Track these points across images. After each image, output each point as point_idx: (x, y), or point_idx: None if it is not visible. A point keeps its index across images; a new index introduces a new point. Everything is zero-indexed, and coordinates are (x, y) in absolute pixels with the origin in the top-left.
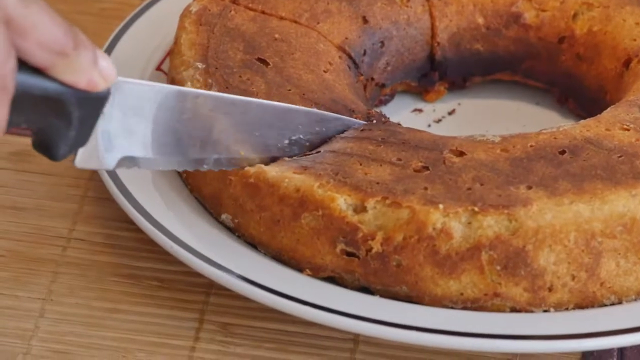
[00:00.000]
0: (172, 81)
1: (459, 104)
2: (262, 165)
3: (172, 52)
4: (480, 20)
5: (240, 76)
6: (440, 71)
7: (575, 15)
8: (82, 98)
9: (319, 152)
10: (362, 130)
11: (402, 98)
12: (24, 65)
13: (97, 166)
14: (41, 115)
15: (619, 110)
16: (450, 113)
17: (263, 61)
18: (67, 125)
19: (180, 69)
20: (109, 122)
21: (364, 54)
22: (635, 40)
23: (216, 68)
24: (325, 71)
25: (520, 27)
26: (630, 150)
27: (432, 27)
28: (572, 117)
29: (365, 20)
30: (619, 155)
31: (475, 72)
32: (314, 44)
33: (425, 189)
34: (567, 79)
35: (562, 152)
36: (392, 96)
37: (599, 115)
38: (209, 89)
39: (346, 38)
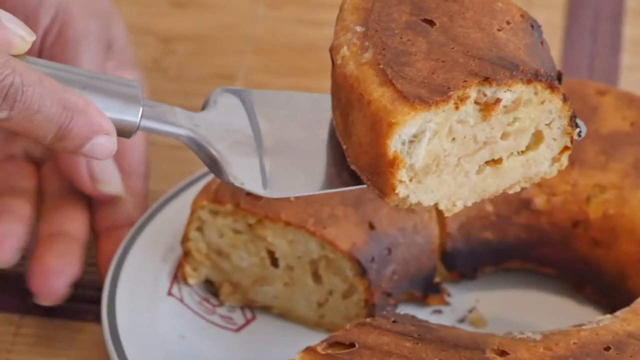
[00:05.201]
0: (331, 48)
1: (477, 300)
2: None
3: (336, 19)
4: (490, 208)
5: (401, 37)
6: (450, 262)
7: (588, 199)
8: None
9: (354, 345)
10: (393, 321)
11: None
12: None
13: None
14: None
15: None
16: (470, 311)
17: (429, 22)
18: None
19: (340, 34)
20: None
21: (372, 260)
22: None
23: (376, 30)
24: (499, 30)
25: (531, 213)
26: None
27: (441, 220)
28: (589, 304)
29: (371, 226)
30: None
31: (485, 262)
32: (491, 3)
33: None
34: (583, 265)
35: (607, 349)
36: (395, 306)
37: (634, 306)
38: (364, 52)
39: (354, 244)
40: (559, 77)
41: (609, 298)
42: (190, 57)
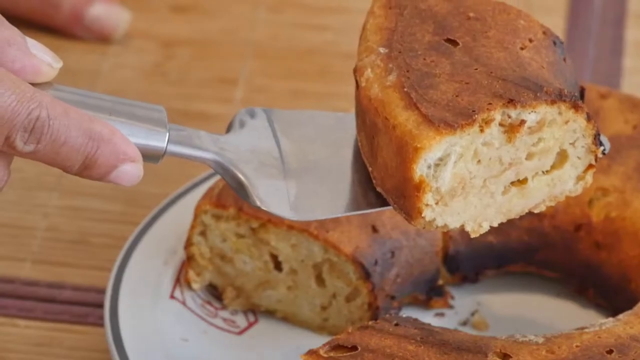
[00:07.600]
0: (355, 69)
1: (480, 303)
2: None
3: (360, 39)
4: None
5: (424, 58)
6: (453, 265)
7: (590, 202)
8: None
9: (356, 348)
10: (396, 324)
11: (410, 306)
12: None
13: None
14: None
15: None
16: (473, 314)
17: (452, 42)
18: None
19: (363, 55)
20: None
21: (376, 263)
22: None
23: (399, 52)
24: (522, 48)
25: (533, 216)
26: None
27: None
28: (592, 307)
29: (374, 230)
30: None
31: (488, 265)
32: (513, 20)
33: None
34: (586, 268)
35: (610, 352)
36: (399, 309)
37: (637, 309)
38: (389, 74)
39: (357, 247)
40: (582, 93)
41: (612, 301)
42: (191, 62)
